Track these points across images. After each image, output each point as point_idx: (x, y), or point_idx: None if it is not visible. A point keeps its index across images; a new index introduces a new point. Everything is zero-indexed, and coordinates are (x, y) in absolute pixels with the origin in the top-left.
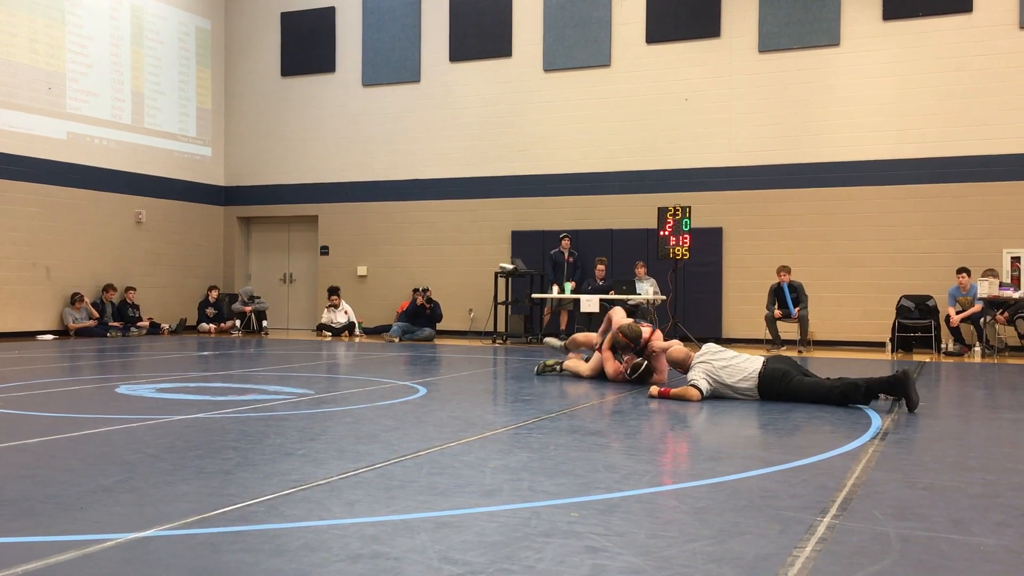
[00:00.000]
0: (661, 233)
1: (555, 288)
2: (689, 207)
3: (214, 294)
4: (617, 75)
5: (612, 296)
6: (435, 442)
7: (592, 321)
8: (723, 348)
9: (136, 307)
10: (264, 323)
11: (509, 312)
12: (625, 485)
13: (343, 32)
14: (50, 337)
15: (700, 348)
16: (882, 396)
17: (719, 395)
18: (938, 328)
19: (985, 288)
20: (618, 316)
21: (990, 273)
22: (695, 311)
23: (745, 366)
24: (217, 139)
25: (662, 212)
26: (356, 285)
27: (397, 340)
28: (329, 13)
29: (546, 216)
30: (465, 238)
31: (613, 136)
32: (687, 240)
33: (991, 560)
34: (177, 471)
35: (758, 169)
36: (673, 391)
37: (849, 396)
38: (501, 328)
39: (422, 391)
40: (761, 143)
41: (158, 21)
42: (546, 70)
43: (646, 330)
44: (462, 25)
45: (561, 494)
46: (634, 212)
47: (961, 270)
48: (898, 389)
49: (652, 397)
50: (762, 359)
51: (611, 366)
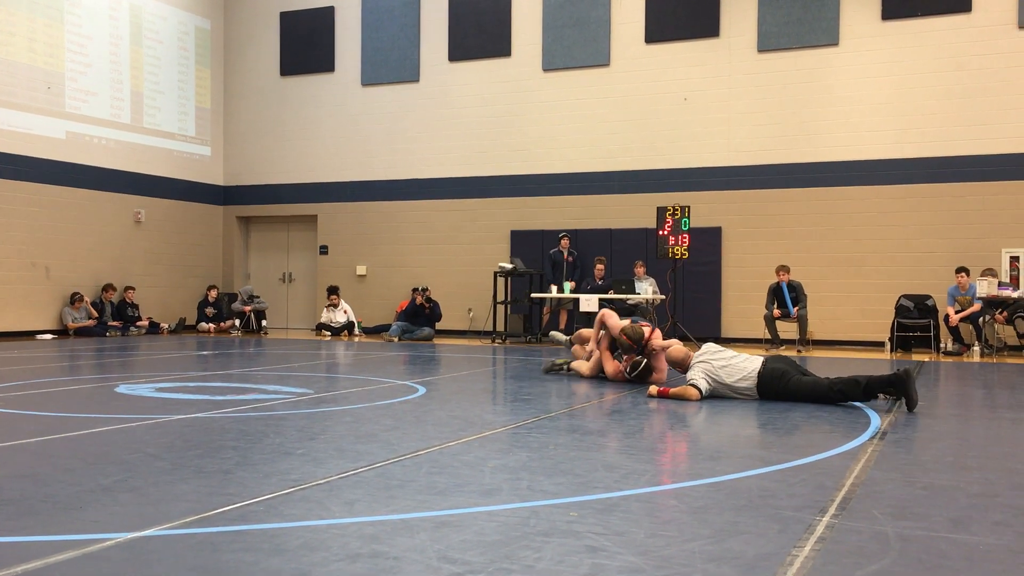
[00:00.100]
0: (660, 233)
1: (553, 288)
2: (688, 207)
3: (213, 294)
4: (616, 75)
5: (611, 296)
6: (434, 441)
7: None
8: (722, 348)
9: (135, 307)
10: (263, 323)
11: (508, 312)
12: (624, 484)
13: (342, 32)
14: (49, 337)
15: (699, 348)
16: (881, 396)
17: (718, 395)
18: (937, 328)
19: (984, 287)
20: (614, 319)
21: (989, 272)
22: (694, 311)
23: (744, 366)
24: (216, 139)
25: (661, 212)
26: (355, 285)
27: (396, 340)
28: (328, 13)
29: (545, 216)
30: (464, 237)
31: (612, 136)
32: (686, 240)
33: (990, 559)
34: (176, 470)
35: (757, 169)
36: (672, 391)
37: (849, 393)
38: (500, 328)
39: (421, 391)
40: (760, 143)
41: (157, 20)
42: (545, 70)
43: (646, 329)
44: (461, 25)
45: (560, 493)
46: (633, 212)
47: (960, 269)
48: (899, 388)
49: (651, 396)
50: (761, 359)
51: (610, 365)
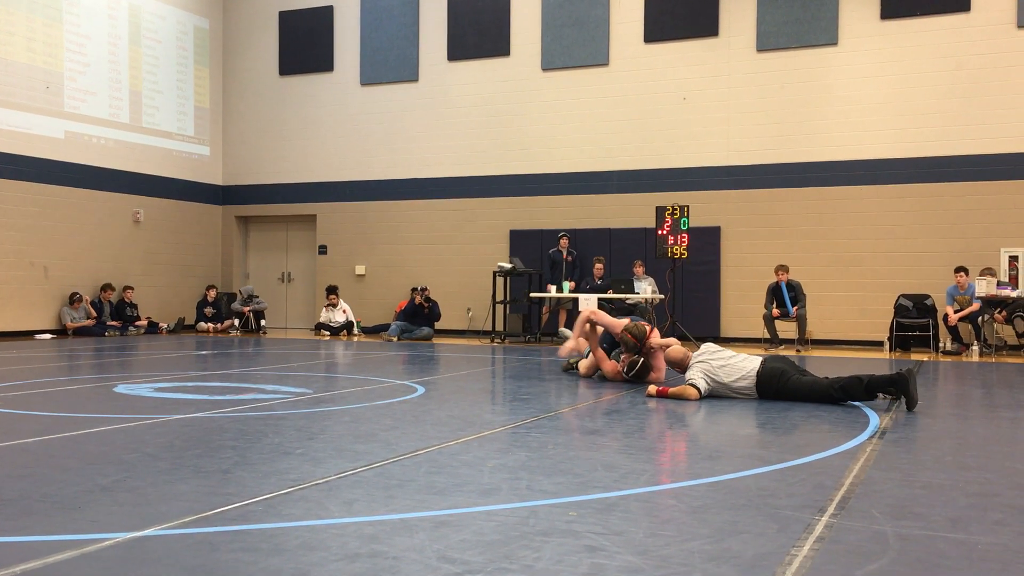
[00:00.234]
0: (659, 232)
1: (552, 288)
2: (687, 206)
3: (212, 293)
4: (615, 74)
5: (610, 295)
6: (433, 441)
7: None
8: (721, 348)
9: (134, 306)
10: (262, 322)
11: (507, 311)
12: (623, 484)
13: (341, 31)
14: (48, 336)
15: (698, 348)
16: (880, 395)
17: (717, 394)
18: (936, 327)
19: (983, 287)
20: (608, 318)
21: (988, 272)
22: (693, 310)
23: (743, 365)
24: (215, 138)
25: (660, 211)
26: (354, 284)
27: (395, 339)
28: (327, 12)
29: (544, 215)
30: (463, 237)
31: (611, 135)
32: (685, 239)
33: (989, 559)
34: (175, 470)
35: (756, 168)
36: (671, 390)
37: (851, 391)
38: (499, 327)
39: (420, 390)
40: (759, 142)
41: (156, 20)
42: (544, 69)
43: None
44: (460, 24)
45: (559, 493)
46: (632, 211)
47: (959, 269)
48: (900, 387)
49: (650, 396)
50: (760, 359)
51: (608, 365)
